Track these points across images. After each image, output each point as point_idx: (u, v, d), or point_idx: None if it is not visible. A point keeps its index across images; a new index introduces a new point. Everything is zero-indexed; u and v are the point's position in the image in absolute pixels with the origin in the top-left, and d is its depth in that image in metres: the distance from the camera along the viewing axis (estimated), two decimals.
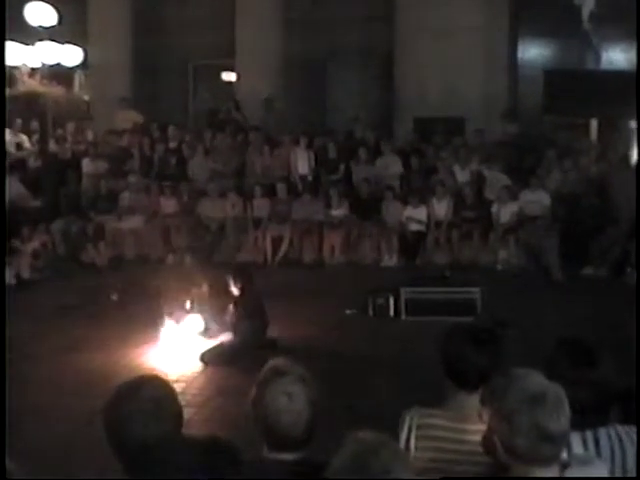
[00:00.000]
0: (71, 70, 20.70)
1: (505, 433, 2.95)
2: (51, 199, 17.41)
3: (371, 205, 16.74)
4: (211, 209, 17.01)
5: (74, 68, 20.53)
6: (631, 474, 3.52)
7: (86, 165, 18.39)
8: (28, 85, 18.23)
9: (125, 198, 17.41)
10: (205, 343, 10.28)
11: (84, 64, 20.64)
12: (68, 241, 16.36)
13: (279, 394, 3.24)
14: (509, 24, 20.29)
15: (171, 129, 19.28)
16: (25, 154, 18.65)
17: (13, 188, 16.57)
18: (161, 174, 18.22)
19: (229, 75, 22.82)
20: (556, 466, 2.98)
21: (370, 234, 16.47)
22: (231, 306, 10.35)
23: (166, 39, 22.52)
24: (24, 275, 14.47)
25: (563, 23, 20.00)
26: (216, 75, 23.58)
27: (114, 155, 18.80)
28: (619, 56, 20.54)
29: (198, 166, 18.22)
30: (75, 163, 18.49)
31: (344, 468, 2.75)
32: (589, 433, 3.51)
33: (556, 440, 2.93)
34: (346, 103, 21.08)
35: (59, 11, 17.94)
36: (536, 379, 3.03)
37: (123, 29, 21.92)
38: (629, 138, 20.01)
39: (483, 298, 11.74)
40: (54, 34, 17.91)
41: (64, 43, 18.25)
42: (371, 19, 20.92)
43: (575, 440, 3.45)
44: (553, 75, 19.81)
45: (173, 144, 19.03)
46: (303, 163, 17.99)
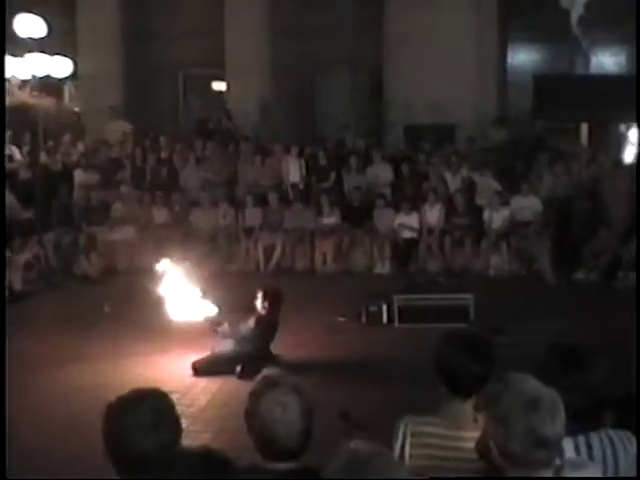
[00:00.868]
0: (61, 81, 20.72)
1: (501, 438, 2.95)
2: (42, 211, 17.36)
3: (363, 213, 16.75)
4: (203, 219, 17.00)
5: (64, 79, 20.54)
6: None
7: (78, 176, 18.35)
8: (18, 97, 18.22)
9: (117, 209, 17.39)
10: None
11: (74, 75, 20.64)
12: (60, 252, 16.32)
13: (273, 405, 3.23)
14: (498, 30, 20.34)
15: (162, 139, 19.28)
16: (16, 166, 18.60)
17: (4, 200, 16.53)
18: (152, 184, 18.20)
19: (219, 84, 22.83)
20: (550, 470, 2.98)
21: (362, 242, 16.49)
22: (252, 321, 10.22)
23: (156, 49, 22.51)
24: (16, 287, 14.43)
25: (552, 28, 20.04)
26: (206, 84, 23.58)
27: (105, 166, 18.77)
28: (609, 60, 20.60)
29: (189, 176, 18.21)
30: (66, 174, 18.46)
31: (338, 478, 2.75)
32: (581, 438, 3.51)
33: (551, 445, 2.94)
34: (336, 111, 21.08)
35: (48, 22, 17.94)
36: (532, 384, 3.03)
37: (113, 40, 21.90)
38: (620, 142, 20.06)
39: (476, 304, 11.74)
40: (44, 46, 17.90)
41: (54, 55, 18.24)
42: (360, 27, 20.94)
43: (567, 445, 3.45)
44: (543, 80, 19.83)
45: (164, 154, 19.03)
46: (294, 172, 18.00)
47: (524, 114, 20.02)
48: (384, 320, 12.09)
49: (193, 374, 9.81)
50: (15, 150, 18.99)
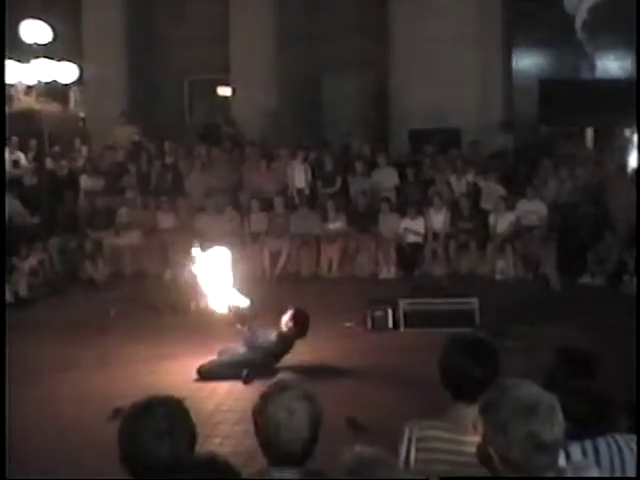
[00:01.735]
0: (67, 87, 20.78)
1: (500, 444, 2.96)
2: (48, 216, 17.40)
3: (368, 217, 16.76)
4: (208, 224, 16.99)
5: (70, 85, 20.60)
6: None
7: (83, 182, 18.39)
8: (24, 103, 18.30)
9: (122, 214, 17.41)
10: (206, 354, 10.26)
11: (80, 81, 20.70)
12: (66, 258, 16.34)
13: (280, 408, 3.25)
14: (503, 35, 20.35)
15: (167, 144, 19.31)
16: (22, 172, 18.64)
17: (10, 206, 16.55)
18: (158, 190, 18.22)
19: (224, 90, 22.86)
20: (552, 474, 2.98)
21: (368, 246, 16.49)
22: (274, 335, 10.18)
23: (161, 55, 22.58)
24: (22, 293, 14.44)
25: (557, 33, 20.06)
26: (212, 90, 23.63)
27: (111, 171, 18.81)
28: (613, 64, 20.61)
29: (195, 181, 18.23)
30: (72, 180, 18.49)
31: None
32: (588, 443, 3.52)
33: (550, 449, 2.95)
34: (341, 116, 21.12)
35: (54, 28, 18.01)
36: (529, 389, 3.03)
37: (118, 45, 21.96)
38: (625, 146, 20.05)
39: (481, 309, 11.74)
40: (49, 51, 17.96)
41: (59, 60, 18.32)
42: (365, 32, 20.97)
43: (574, 450, 3.46)
44: (548, 84, 19.85)
45: (170, 159, 19.06)
46: (300, 177, 18.01)
47: (529, 119, 20.04)
48: (390, 325, 12.07)
49: (199, 379, 9.80)
50: (21, 155, 19.04)
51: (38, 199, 17.76)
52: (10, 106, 18.52)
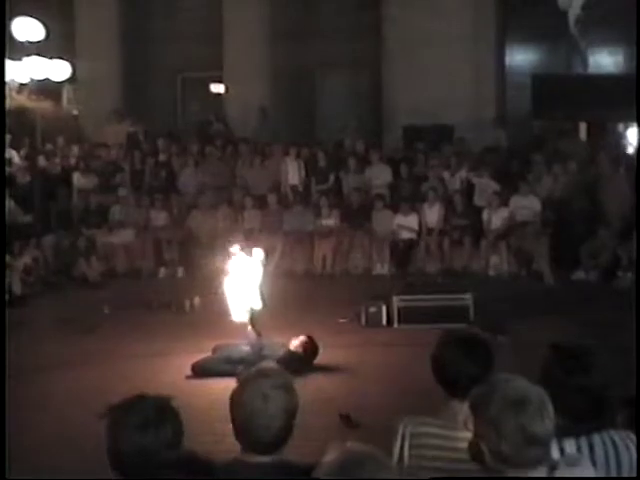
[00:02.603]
0: (59, 85, 20.73)
1: (492, 439, 2.95)
2: (41, 214, 17.37)
3: (362, 214, 16.76)
4: (202, 221, 16.99)
5: (62, 83, 20.55)
6: None
7: (76, 179, 18.36)
8: (17, 100, 18.24)
9: (116, 212, 17.39)
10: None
11: (72, 78, 20.65)
12: (59, 256, 16.31)
13: (256, 394, 3.28)
14: (496, 30, 20.36)
15: (161, 142, 19.29)
16: (14, 169, 18.60)
17: None
18: (151, 187, 18.20)
19: (218, 87, 22.84)
20: (544, 468, 2.98)
21: (361, 243, 16.49)
22: (282, 351, 10.03)
23: (154, 52, 22.54)
24: (16, 290, 14.42)
25: (550, 28, 20.05)
26: (205, 87, 23.59)
27: (104, 169, 18.77)
28: (607, 60, 20.61)
29: (188, 179, 18.21)
30: (65, 178, 18.46)
31: (329, 477, 2.75)
32: (583, 439, 3.51)
33: (542, 442, 2.94)
34: (335, 113, 21.10)
35: (47, 26, 17.95)
36: (518, 383, 3.03)
37: (111, 43, 21.91)
38: (618, 141, 20.06)
39: (475, 304, 11.74)
40: (42, 49, 17.91)
41: (52, 58, 18.26)
42: (359, 29, 20.94)
43: (569, 446, 3.45)
44: (541, 80, 19.82)
45: (163, 157, 19.04)
46: (293, 173, 18.01)
47: (522, 115, 20.02)
48: (383, 321, 12.08)
49: (193, 376, 9.79)
50: (14, 153, 18.99)
51: (31, 197, 17.72)
52: None
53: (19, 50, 17.61)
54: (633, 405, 4.22)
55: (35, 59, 17.64)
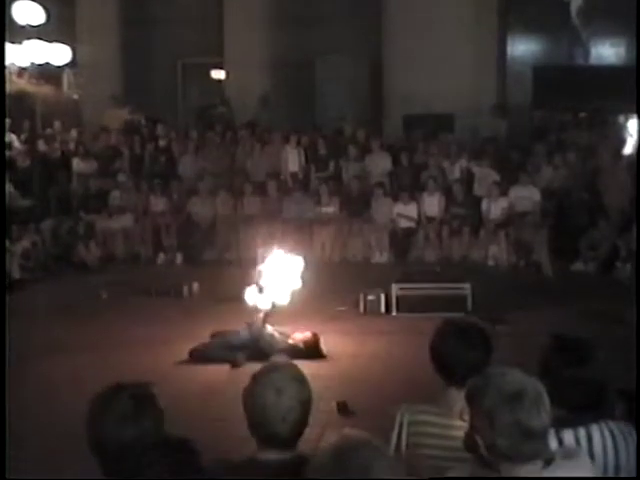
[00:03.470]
0: (60, 69, 20.69)
1: (487, 432, 2.94)
2: (40, 199, 17.37)
3: (361, 202, 16.76)
4: (201, 207, 16.98)
5: (63, 67, 20.51)
6: (624, 470, 3.52)
7: (76, 164, 18.35)
8: (17, 84, 18.20)
9: (115, 197, 17.38)
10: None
11: (73, 63, 20.62)
12: (58, 240, 16.31)
13: (268, 388, 3.23)
14: (497, 20, 20.30)
15: (160, 127, 19.27)
16: (14, 154, 18.59)
17: None
18: (151, 172, 18.19)
19: (218, 73, 22.80)
20: (540, 462, 2.97)
21: (360, 231, 16.49)
22: (282, 345, 10.08)
23: (155, 37, 22.50)
24: (15, 275, 14.43)
25: (551, 19, 20.03)
26: (205, 73, 23.55)
27: (104, 154, 18.76)
28: (608, 51, 20.59)
29: (188, 164, 18.20)
30: (64, 162, 18.45)
31: (324, 465, 2.73)
32: (581, 430, 3.51)
33: (538, 436, 2.93)
34: (335, 101, 21.02)
35: (47, 9, 17.92)
36: (514, 376, 3.01)
37: (112, 27, 21.88)
38: (618, 133, 20.03)
39: (474, 294, 11.75)
40: (42, 33, 17.88)
41: (52, 42, 18.22)
42: (359, 17, 20.89)
43: (567, 437, 3.45)
44: (542, 70, 19.81)
45: (163, 142, 19.02)
46: (293, 161, 17.98)
47: (523, 105, 20.00)
48: (382, 309, 12.09)
49: (190, 361, 9.79)
50: (13, 138, 18.98)
51: (30, 181, 17.71)
52: None
53: (19, 34, 17.57)
54: (632, 397, 4.22)
55: (35, 43, 17.62)
